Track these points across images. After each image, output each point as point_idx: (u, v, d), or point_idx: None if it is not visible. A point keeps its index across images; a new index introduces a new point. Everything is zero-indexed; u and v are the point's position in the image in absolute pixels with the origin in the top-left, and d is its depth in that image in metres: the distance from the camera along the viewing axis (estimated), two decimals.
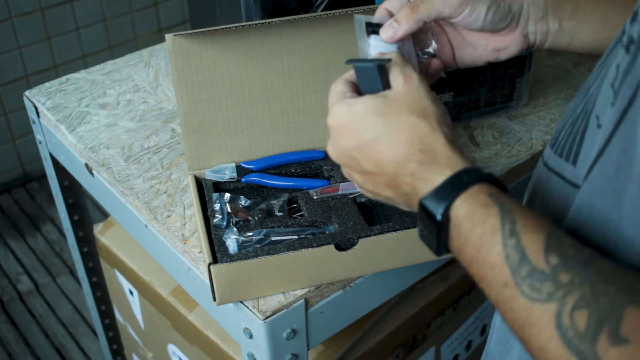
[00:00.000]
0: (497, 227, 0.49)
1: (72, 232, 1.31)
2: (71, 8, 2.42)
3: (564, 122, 0.59)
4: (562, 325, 0.44)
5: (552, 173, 0.59)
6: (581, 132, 0.55)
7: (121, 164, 0.97)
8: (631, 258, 0.49)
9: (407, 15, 0.67)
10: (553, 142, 0.60)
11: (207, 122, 0.86)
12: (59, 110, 1.09)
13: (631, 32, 0.49)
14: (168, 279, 1.11)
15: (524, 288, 0.47)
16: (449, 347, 1.22)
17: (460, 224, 0.51)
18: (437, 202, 0.53)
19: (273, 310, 0.76)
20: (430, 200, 0.53)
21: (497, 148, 0.99)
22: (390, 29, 0.67)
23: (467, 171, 0.53)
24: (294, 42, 0.85)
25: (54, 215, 2.43)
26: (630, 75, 0.47)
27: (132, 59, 1.22)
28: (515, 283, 0.47)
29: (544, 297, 0.45)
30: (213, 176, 0.87)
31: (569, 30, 0.70)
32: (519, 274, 0.47)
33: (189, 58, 0.82)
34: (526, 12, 0.69)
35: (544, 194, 0.61)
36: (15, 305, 2.15)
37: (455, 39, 0.72)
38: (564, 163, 0.57)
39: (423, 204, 0.54)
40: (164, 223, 0.87)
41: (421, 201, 0.54)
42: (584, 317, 0.43)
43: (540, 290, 0.46)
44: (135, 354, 1.39)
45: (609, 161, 0.50)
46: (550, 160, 0.60)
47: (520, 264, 0.47)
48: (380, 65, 0.58)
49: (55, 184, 1.24)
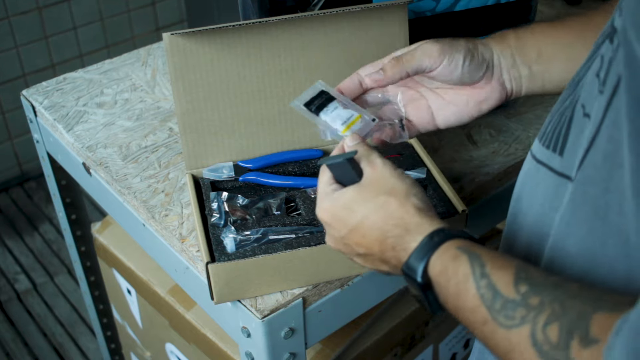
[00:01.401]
0: (468, 273, 0.54)
1: (70, 231, 1.31)
2: (68, 7, 2.42)
3: (552, 115, 0.60)
4: (537, 342, 0.47)
5: (541, 165, 0.60)
6: (567, 122, 0.56)
7: (118, 163, 0.97)
8: (617, 246, 0.49)
9: (392, 65, 0.73)
10: (541, 135, 0.61)
11: (205, 121, 0.86)
12: (57, 109, 1.09)
13: (615, 24, 0.50)
14: (166, 278, 1.10)
15: (501, 320, 0.50)
16: (446, 346, 1.22)
17: (439, 280, 0.56)
18: (414, 266, 0.58)
19: (271, 309, 0.76)
20: (409, 266, 0.59)
21: (495, 146, 0.99)
22: (377, 75, 0.74)
23: (437, 232, 0.58)
24: (292, 41, 0.85)
25: (52, 215, 2.43)
26: (615, 63, 0.48)
27: (129, 58, 1.22)
28: (493, 318, 0.50)
29: (518, 322, 0.48)
30: (211, 175, 0.87)
31: (539, 73, 0.75)
32: (494, 309, 0.51)
33: (186, 57, 0.82)
34: (497, 60, 0.74)
35: (532, 187, 0.61)
36: (13, 304, 2.15)
37: (435, 103, 0.77)
38: (552, 154, 0.58)
39: (404, 271, 0.59)
40: (161, 222, 0.87)
41: (402, 269, 0.60)
42: (556, 330, 0.46)
43: (514, 317, 0.49)
44: (134, 353, 1.39)
45: (598, 150, 0.50)
46: (538, 153, 0.61)
47: (493, 300, 0.51)
48: (349, 159, 0.65)
49: (53, 183, 1.24)
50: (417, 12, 0.93)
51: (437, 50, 0.72)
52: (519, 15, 0.99)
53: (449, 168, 0.95)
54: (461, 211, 0.81)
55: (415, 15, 0.93)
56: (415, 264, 0.58)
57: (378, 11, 0.86)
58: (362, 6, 0.83)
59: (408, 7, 0.89)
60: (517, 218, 0.64)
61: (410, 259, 0.59)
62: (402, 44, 0.88)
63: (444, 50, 0.72)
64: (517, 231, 0.64)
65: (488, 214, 0.96)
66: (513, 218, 0.65)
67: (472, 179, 0.93)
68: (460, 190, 0.91)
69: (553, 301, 0.48)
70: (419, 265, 0.58)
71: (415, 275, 0.58)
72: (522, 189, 0.64)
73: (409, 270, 0.58)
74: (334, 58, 0.87)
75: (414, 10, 0.93)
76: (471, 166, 0.95)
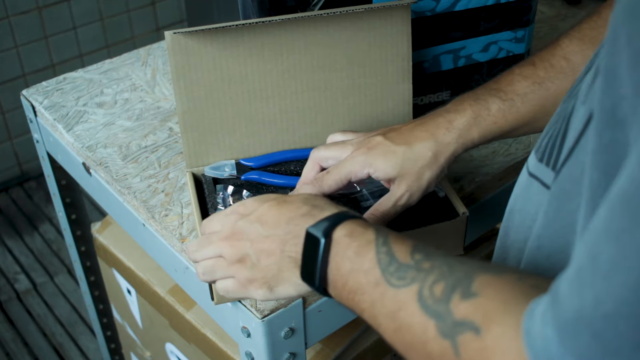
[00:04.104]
0: (372, 239, 0.56)
1: (70, 231, 1.31)
2: (68, 7, 2.42)
3: (549, 127, 0.59)
4: (423, 298, 0.49)
5: (534, 179, 0.58)
6: (561, 137, 0.55)
7: (118, 163, 0.97)
8: None
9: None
10: (537, 147, 0.60)
11: (206, 120, 0.86)
12: (57, 109, 1.09)
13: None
14: (166, 278, 1.10)
15: (393, 281, 0.52)
16: None
17: (344, 240, 0.57)
18: (322, 225, 0.59)
19: (271, 309, 0.75)
20: (316, 225, 0.59)
21: (495, 146, 0.99)
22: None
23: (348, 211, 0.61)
24: (293, 41, 0.85)
25: (52, 215, 2.43)
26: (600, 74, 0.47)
27: (129, 58, 1.22)
28: (386, 280, 0.53)
29: (408, 282, 0.51)
30: (212, 173, 0.87)
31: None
32: (388, 271, 0.53)
33: (188, 56, 0.82)
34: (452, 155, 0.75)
35: (525, 202, 0.60)
36: (13, 304, 2.15)
37: None
38: (545, 168, 0.56)
39: (308, 231, 0.59)
40: (161, 222, 0.87)
41: (307, 229, 0.59)
42: (441, 287, 0.48)
43: (405, 277, 0.52)
44: (133, 353, 1.39)
45: (577, 162, 0.50)
46: (532, 166, 0.59)
47: (389, 263, 0.53)
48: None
49: (53, 183, 1.24)
50: (417, 12, 0.93)
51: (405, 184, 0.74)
52: (519, 15, 0.99)
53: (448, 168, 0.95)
54: (461, 213, 0.81)
55: (415, 15, 0.93)
56: (324, 223, 0.58)
57: (381, 11, 0.86)
58: (365, 6, 0.83)
59: None
60: (508, 234, 0.63)
61: (320, 221, 0.59)
62: (405, 44, 0.88)
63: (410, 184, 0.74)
64: (509, 247, 0.63)
65: (488, 214, 0.96)
66: (505, 233, 0.64)
67: (472, 179, 0.93)
68: (460, 190, 0.91)
69: (442, 265, 0.50)
70: (326, 224, 0.58)
71: (318, 232, 0.58)
72: (514, 203, 0.63)
73: (314, 228, 0.58)
74: (336, 58, 0.87)
75: (414, 10, 0.93)
76: (471, 166, 0.95)
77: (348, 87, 0.89)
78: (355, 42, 0.87)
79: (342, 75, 0.88)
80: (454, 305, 0.46)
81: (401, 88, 0.91)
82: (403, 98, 0.92)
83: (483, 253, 1.17)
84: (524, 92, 0.74)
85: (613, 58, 0.40)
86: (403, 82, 0.91)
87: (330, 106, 0.89)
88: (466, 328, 0.45)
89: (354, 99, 0.90)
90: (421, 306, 0.49)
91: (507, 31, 0.99)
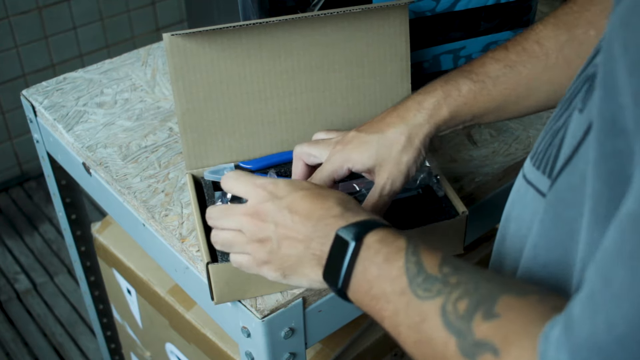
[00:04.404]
0: (402, 247, 0.55)
1: (70, 231, 1.31)
2: (68, 7, 2.42)
3: (545, 132, 0.58)
4: (446, 313, 0.49)
5: (530, 186, 0.58)
6: (557, 144, 0.54)
7: (118, 163, 0.97)
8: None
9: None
10: (532, 153, 0.59)
11: (205, 121, 0.86)
12: (56, 109, 1.09)
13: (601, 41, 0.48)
14: (166, 278, 1.10)
15: (419, 292, 0.52)
16: None
17: (374, 245, 0.56)
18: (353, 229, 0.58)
19: (271, 309, 0.76)
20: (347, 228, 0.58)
21: (495, 146, 0.99)
22: None
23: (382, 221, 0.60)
24: (292, 42, 0.85)
25: (52, 215, 2.43)
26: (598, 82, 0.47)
27: (129, 58, 1.22)
28: (411, 290, 0.52)
29: (434, 294, 0.51)
30: (212, 177, 0.87)
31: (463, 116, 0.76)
32: (415, 282, 0.52)
33: (187, 57, 0.82)
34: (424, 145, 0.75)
35: (521, 209, 0.60)
36: (13, 304, 2.15)
37: None
38: (541, 176, 0.56)
39: (338, 234, 0.59)
40: (161, 222, 0.87)
41: (337, 231, 0.59)
42: (465, 304, 0.48)
43: (431, 290, 0.51)
44: (133, 353, 1.39)
45: (576, 170, 0.49)
46: (528, 173, 0.59)
47: (417, 274, 0.53)
48: None
49: (53, 183, 1.24)
50: (417, 12, 0.93)
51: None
52: (519, 15, 0.99)
53: (449, 168, 0.95)
54: (461, 213, 0.81)
55: (415, 15, 0.93)
56: (356, 228, 0.58)
57: (379, 12, 0.86)
58: (363, 7, 0.83)
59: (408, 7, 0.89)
60: (504, 241, 0.63)
61: (351, 225, 0.58)
62: (403, 44, 0.89)
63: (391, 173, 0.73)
64: (505, 256, 0.63)
65: (488, 214, 0.96)
66: (501, 239, 0.64)
67: (472, 179, 0.93)
68: (460, 190, 0.91)
69: (469, 281, 0.50)
70: (358, 229, 0.57)
71: (349, 236, 0.57)
72: (511, 210, 0.63)
73: (345, 231, 0.58)
74: (334, 59, 0.87)
75: (414, 10, 0.93)
76: (471, 166, 0.95)
77: (347, 87, 0.89)
78: (354, 43, 0.87)
79: (341, 76, 0.88)
80: (476, 325, 0.46)
81: (400, 88, 0.91)
82: (402, 98, 0.91)
83: (483, 253, 1.17)
84: (496, 74, 0.74)
85: (611, 67, 0.40)
86: (402, 82, 0.91)
87: (329, 107, 0.90)
88: (486, 349, 0.45)
89: (352, 99, 0.90)
90: (443, 321, 0.49)
91: (507, 31, 1.00)
